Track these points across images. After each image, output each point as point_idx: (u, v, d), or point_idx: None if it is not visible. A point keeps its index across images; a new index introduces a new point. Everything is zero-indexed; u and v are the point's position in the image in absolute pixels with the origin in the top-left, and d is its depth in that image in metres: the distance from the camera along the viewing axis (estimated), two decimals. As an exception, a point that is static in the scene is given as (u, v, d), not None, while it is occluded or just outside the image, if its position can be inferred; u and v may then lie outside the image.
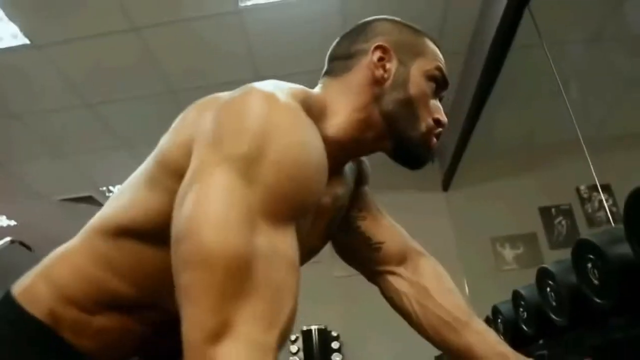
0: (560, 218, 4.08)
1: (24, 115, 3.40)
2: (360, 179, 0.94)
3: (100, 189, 4.42)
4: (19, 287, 0.72)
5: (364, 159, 0.95)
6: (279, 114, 0.57)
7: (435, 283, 0.90)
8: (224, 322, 0.47)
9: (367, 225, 0.93)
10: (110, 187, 4.43)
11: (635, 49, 3.21)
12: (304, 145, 0.58)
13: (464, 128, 3.40)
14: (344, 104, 0.75)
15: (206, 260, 0.48)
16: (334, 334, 3.70)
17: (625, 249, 1.02)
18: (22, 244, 4.14)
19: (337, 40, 0.84)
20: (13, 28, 2.68)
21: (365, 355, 3.71)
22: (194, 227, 0.50)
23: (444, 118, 0.79)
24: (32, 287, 0.71)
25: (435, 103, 0.79)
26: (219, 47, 2.98)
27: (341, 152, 0.76)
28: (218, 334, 0.46)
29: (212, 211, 0.50)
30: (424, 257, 0.94)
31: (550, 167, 4.11)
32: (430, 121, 0.77)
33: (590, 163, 2.31)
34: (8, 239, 3.38)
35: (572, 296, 1.20)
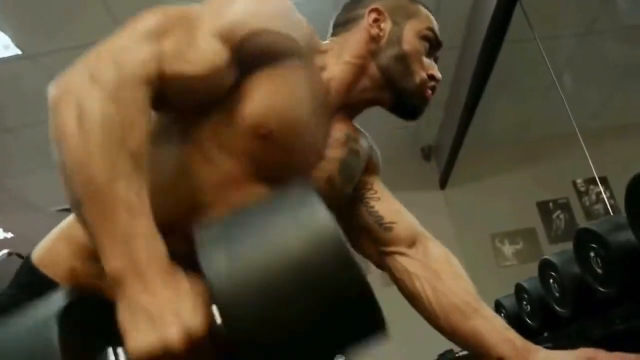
0: (559, 212, 4.09)
1: (17, 128, 3.38)
2: (372, 167, 0.96)
3: (97, 198, 4.40)
4: (38, 252, 0.74)
5: (377, 149, 0.97)
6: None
7: (447, 267, 0.89)
8: (126, 45, 0.58)
9: (380, 205, 0.93)
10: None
11: (627, 39, 3.23)
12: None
13: (460, 124, 3.40)
14: (342, 51, 0.83)
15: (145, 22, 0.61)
16: (337, 335, 3.68)
17: (627, 235, 1.02)
18: (19, 255, 4.11)
19: (338, 11, 0.91)
20: (4, 39, 2.66)
21: (367, 356, 3.69)
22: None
23: (437, 74, 0.86)
24: (51, 250, 0.72)
25: (429, 61, 0.87)
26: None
27: (345, 91, 0.82)
28: (116, 50, 0.58)
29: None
30: (433, 241, 0.94)
31: (546, 160, 4.12)
32: (424, 75, 0.85)
33: (588, 155, 2.32)
34: (5, 251, 3.35)
35: (575, 286, 1.20)
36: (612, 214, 3.07)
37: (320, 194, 0.57)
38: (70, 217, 0.76)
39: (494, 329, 0.83)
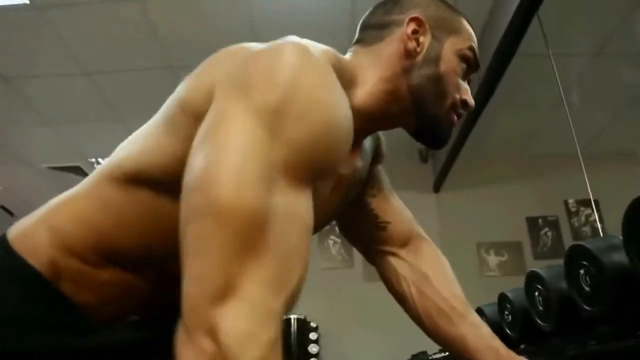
0: (547, 229, 4.11)
1: (15, 79, 3.33)
2: (377, 157, 0.92)
3: (89, 160, 4.35)
4: (16, 233, 0.67)
5: (382, 137, 0.93)
6: (312, 70, 0.55)
7: (436, 270, 0.89)
8: (230, 281, 0.44)
9: (376, 203, 0.91)
10: (100, 159, 4.36)
11: (638, 64, 3.23)
12: (334, 106, 0.56)
13: (461, 131, 3.39)
14: (372, 73, 0.73)
15: (218, 213, 0.46)
16: (313, 324, 3.69)
17: (621, 257, 1.02)
18: (3, 208, 4.07)
19: (370, 9, 0.81)
20: (14, -15, 2.61)
21: (342, 349, 3.71)
22: (209, 177, 0.48)
23: (471, 101, 0.78)
24: (31, 234, 0.66)
25: (463, 84, 0.78)
26: (222, 27, 2.94)
27: (365, 123, 0.73)
28: (223, 292, 0.44)
29: (231, 162, 0.48)
30: (427, 242, 0.93)
31: (541, 177, 4.13)
32: (457, 97, 0.76)
33: (586, 177, 2.32)
34: (-8, 202, 3.31)
35: (560, 302, 1.20)
36: (600, 235, 3.09)
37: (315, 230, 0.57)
38: (55, 200, 0.70)
39: (480, 336, 0.83)
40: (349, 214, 0.91)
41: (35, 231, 0.66)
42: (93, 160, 4.39)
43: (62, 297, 0.63)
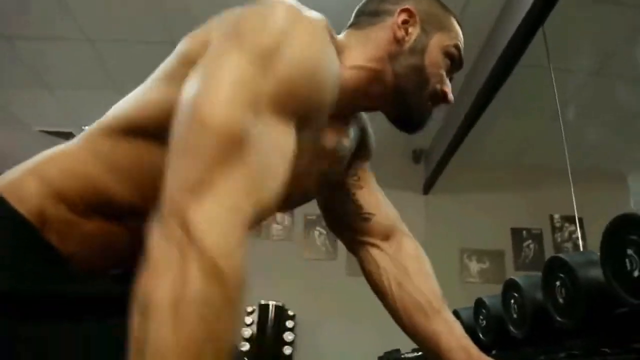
0: (530, 241, 4.16)
1: (14, 38, 3.29)
2: (364, 149, 0.94)
3: (83, 127, 4.29)
4: (4, 182, 0.67)
5: (371, 132, 0.95)
6: (303, 23, 0.60)
7: (416, 265, 0.91)
8: (208, 181, 0.48)
9: (361, 194, 0.93)
10: (93, 128, 4.34)
11: (636, 86, 3.27)
12: (323, 54, 0.62)
13: (455, 136, 3.42)
14: (360, 50, 0.78)
15: (206, 124, 0.50)
16: (291, 313, 3.72)
17: (597, 273, 1.04)
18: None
19: None
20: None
21: (317, 340, 3.74)
22: (201, 97, 0.52)
23: (451, 95, 0.81)
24: (20, 183, 0.66)
25: (445, 78, 0.81)
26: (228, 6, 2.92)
27: (349, 98, 0.75)
28: (199, 189, 0.48)
29: (222, 87, 0.52)
30: (409, 238, 0.95)
31: (529, 189, 4.17)
32: (438, 87, 0.79)
33: (573, 194, 2.35)
34: (-21, 159, 3.28)
35: (535, 311, 1.22)
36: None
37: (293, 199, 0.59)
38: (44, 153, 0.71)
39: (452, 334, 0.85)
40: (335, 203, 0.93)
41: (24, 180, 0.67)
42: (86, 128, 4.36)
43: (48, 245, 0.64)
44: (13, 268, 0.62)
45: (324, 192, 0.90)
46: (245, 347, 3.46)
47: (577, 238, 3.81)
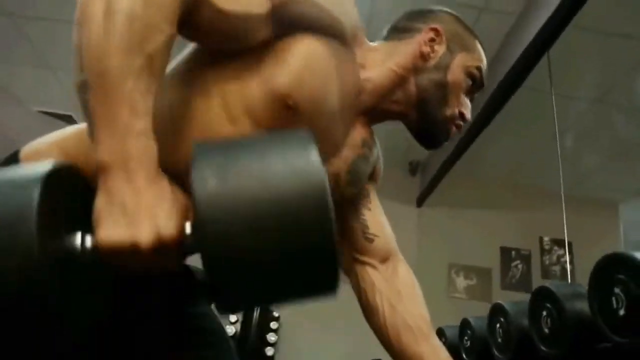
0: (518, 262, 4.19)
1: (17, 16, 3.27)
2: (375, 173, 0.96)
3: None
4: (28, 151, 0.72)
5: (381, 156, 0.97)
6: None
7: (409, 290, 0.92)
8: None
9: (369, 215, 0.95)
10: (92, 114, 4.33)
11: (635, 118, 3.31)
12: None
13: (452, 152, 3.44)
14: (389, 56, 0.82)
15: None
16: (276, 314, 3.72)
17: (583, 306, 1.06)
18: (-12, 145, 3.99)
19: (399, 16, 0.90)
20: None
21: (299, 344, 3.75)
22: None
23: (468, 115, 0.85)
24: (43, 154, 0.71)
25: (465, 98, 0.85)
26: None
27: (377, 96, 0.81)
28: None
29: None
30: (404, 263, 0.97)
31: (521, 209, 4.20)
32: (456, 110, 0.84)
33: (565, 219, 2.38)
34: (-24, 136, 3.27)
35: (520, 338, 1.25)
36: (568, 278, 3.17)
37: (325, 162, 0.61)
38: (66, 130, 0.75)
39: (437, 357, 0.87)
40: (341, 218, 0.94)
41: (47, 152, 0.72)
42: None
43: None
44: None
45: (352, 187, 0.91)
46: (228, 345, 3.45)
47: (566, 262, 3.85)
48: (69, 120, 4.42)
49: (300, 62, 0.66)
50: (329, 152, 0.78)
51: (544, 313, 1.17)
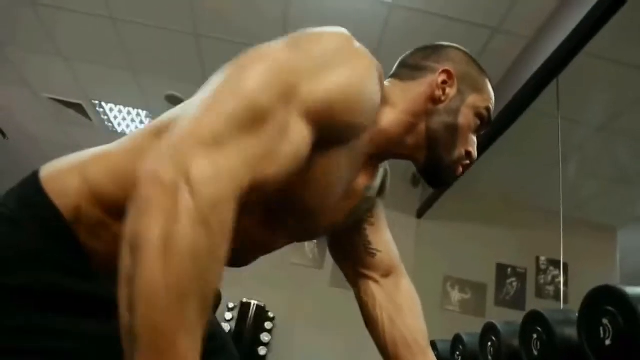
0: (513, 279, 4.22)
1: (39, 6, 3.32)
2: (381, 190, 0.99)
3: (93, 101, 4.35)
4: (49, 172, 0.72)
5: (389, 172, 1.00)
6: (362, 55, 0.68)
7: (409, 304, 0.97)
8: (220, 139, 0.52)
9: (372, 230, 0.99)
10: (103, 103, 4.36)
11: (636, 146, 3.34)
12: (368, 88, 0.67)
13: (457, 166, 3.47)
14: (401, 102, 0.83)
15: (240, 88, 0.56)
16: (271, 314, 3.76)
17: (572, 332, 1.10)
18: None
19: (410, 51, 0.91)
20: None
21: (292, 345, 3.78)
22: (242, 69, 0.58)
23: (475, 153, 0.87)
24: (63, 178, 0.71)
25: (472, 137, 0.87)
26: (256, 5, 2.97)
27: (386, 143, 0.82)
28: (211, 143, 0.51)
29: (265, 69, 0.58)
30: (406, 278, 1.01)
31: (520, 227, 4.23)
32: (463, 151, 0.85)
33: (562, 240, 2.41)
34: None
35: (510, 358, 1.29)
36: (561, 299, 3.21)
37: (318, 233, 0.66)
38: (92, 151, 0.75)
39: None
40: (347, 234, 0.98)
41: (68, 176, 0.71)
42: (96, 102, 4.39)
43: (76, 241, 0.68)
44: (38, 257, 0.67)
45: (348, 222, 0.93)
46: (221, 341, 3.49)
47: (560, 283, 3.88)
48: (78, 108, 4.47)
49: (315, 185, 0.70)
50: (327, 223, 0.81)
51: (535, 336, 1.21)
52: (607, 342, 0.96)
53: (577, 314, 1.10)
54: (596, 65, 2.69)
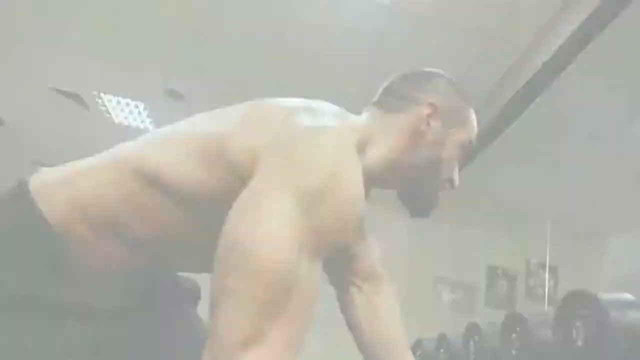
0: (504, 281, 4.28)
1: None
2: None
3: (92, 93, 4.37)
4: (39, 184, 0.73)
5: None
6: (347, 161, 0.66)
7: (388, 309, 1.00)
8: (259, 332, 0.55)
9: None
10: (102, 94, 4.39)
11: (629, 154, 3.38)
12: (358, 199, 0.66)
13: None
14: (384, 139, 0.82)
15: (255, 271, 0.56)
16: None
17: (549, 334, 1.15)
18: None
19: (396, 76, 0.90)
20: None
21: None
22: (250, 239, 0.57)
23: (456, 181, 0.88)
24: (52, 192, 0.72)
25: (454, 165, 0.88)
26: (256, 5, 3.00)
27: (369, 181, 0.81)
28: (252, 340, 0.54)
29: (269, 232, 0.57)
30: (386, 284, 1.03)
31: (512, 231, 4.28)
32: (445, 180, 0.87)
33: (548, 244, 2.46)
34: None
35: (491, 356, 1.33)
36: (545, 301, 3.27)
37: None
38: (78, 167, 0.76)
39: None
40: None
41: (56, 190, 0.73)
42: (95, 93, 4.41)
43: (65, 253, 0.71)
44: (28, 269, 0.70)
45: None
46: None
47: (549, 286, 3.94)
48: (76, 97, 4.49)
49: None
50: None
51: (514, 336, 1.25)
52: (579, 342, 1.01)
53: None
54: (589, 74, 2.73)
